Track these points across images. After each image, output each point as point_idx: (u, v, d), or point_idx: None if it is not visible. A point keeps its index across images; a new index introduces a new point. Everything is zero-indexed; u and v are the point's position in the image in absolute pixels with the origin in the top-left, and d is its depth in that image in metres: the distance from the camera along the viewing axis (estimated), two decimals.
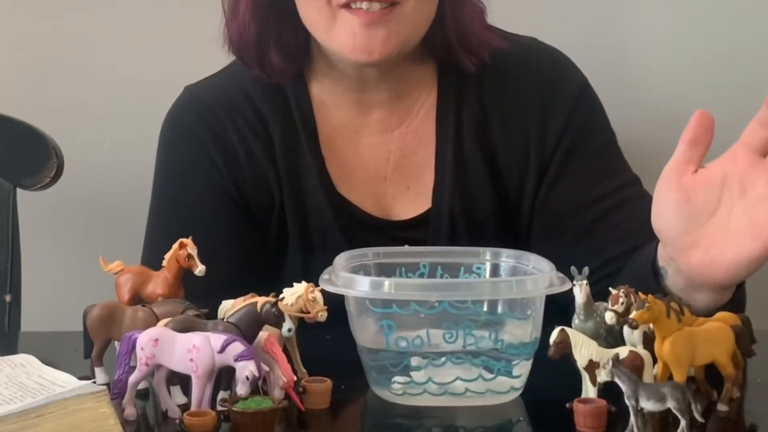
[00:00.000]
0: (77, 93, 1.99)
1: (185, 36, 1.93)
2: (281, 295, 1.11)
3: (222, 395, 1.09)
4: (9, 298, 1.72)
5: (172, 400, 1.09)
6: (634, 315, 1.05)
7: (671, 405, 0.99)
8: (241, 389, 1.04)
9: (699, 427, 1.02)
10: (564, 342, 1.07)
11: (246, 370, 1.03)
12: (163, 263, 1.21)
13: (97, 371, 1.16)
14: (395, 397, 1.13)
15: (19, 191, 1.76)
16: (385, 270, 1.23)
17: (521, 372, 1.13)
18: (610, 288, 1.09)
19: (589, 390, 1.07)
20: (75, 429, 0.98)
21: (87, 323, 1.16)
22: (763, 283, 1.43)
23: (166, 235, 1.28)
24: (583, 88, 1.55)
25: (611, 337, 1.12)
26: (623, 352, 1.06)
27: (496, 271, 1.23)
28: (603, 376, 1.06)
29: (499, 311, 1.13)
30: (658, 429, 1.04)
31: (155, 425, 1.11)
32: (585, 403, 1.04)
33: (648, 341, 1.09)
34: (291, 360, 1.14)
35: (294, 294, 1.12)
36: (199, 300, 1.16)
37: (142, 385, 1.11)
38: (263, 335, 1.09)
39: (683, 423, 0.99)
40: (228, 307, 1.16)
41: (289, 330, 1.08)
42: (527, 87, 1.52)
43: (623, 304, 1.07)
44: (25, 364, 1.15)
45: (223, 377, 1.08)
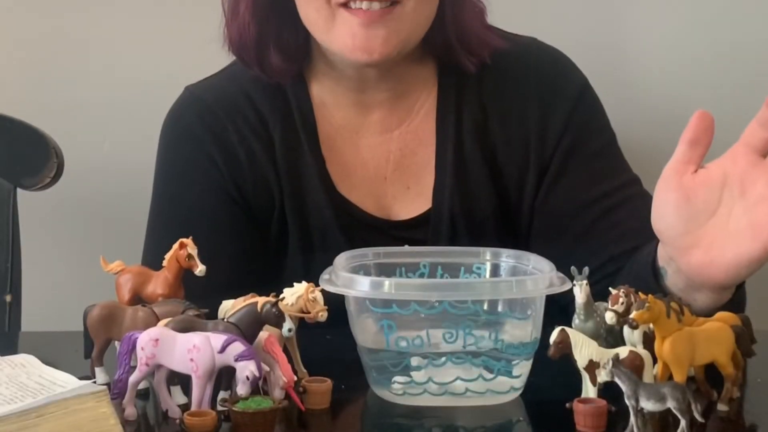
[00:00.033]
0: (77, 93, 1.99)
1: (185, 36, 1.93)
2: (281, 295, 1.11)
3: (222, 395, 1.08)
4: (9, 298, 1.72)
5: (172, 400, 1.09)
6: (634, 315, 1.05)
7: (671, 405, 0.99)
8: (242, 389, 1.04)
9: (699, 427, 1.02)
10: (564, 342, 1.07)
11: (246, 370, 1.03)
12: (164, 263, 1.21)
13: (98, 371, 1.16)
14: (395, 397, 1.13)
15: (19, 191, 1.76)
16: (385, 270, 1.23)
17: (521, 372, 1.13)
18: (610, 288, 1.09)
19: (589, 390, 1.07)
20: (75, 429, 0.98)
21: (87, 323, 1.16)
22: (763, 283, 1.43)
23: (166, 235, 1.28)
24: (583, 88, 1.55)
25: (611, 337, 1.12)
26: (623, 352, 1.06)
27: (496, 271, 1.23)
28: (603, 376, 1.06)
29: (499, 311, 1.13)
30: (658, 429, 1.04)
31: (155, 425, 1.10)
32: (585, 403, 1.04)
33: (648, 341, 1.09)
34: (291, 360, 1.14)
35: (294, 294, 1.13)
36: (200, 300, 1.16)
37: (142, 385, 1.11)
38: (263, 335, 1.09)
39: (683, 423, 0.99)
40: (228, 307, 1.16)
41: (290, 330, 1.08)
42: (527, 87, 1.52)
43: (623, 304, 1.07)
44: (26, 364, 1.15)
45: (224, 377, 1.07)
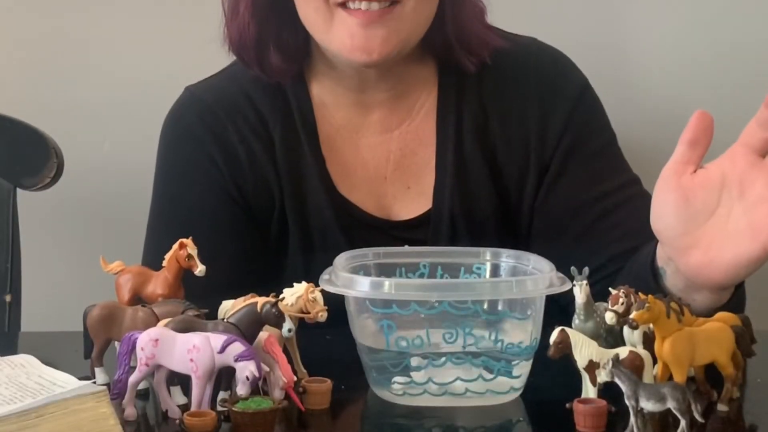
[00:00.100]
0: (77, 93, 1.99)
1: (185, 36, 1.93)
2: (281, 296, 1.11)
3: (222, 395, 1.08)
4: (9, 298, 1.72)
5: (172, 400, 1.09)
6: (634, 315, 1.05)
7: (671, 405, 0.99)
8: (242, 389, 1.04)
9: (699, 427, 1.02)
10: (564, 342, 1.07)
11: (246, 370, 1.03)
12: (163, 263, 1.21)
13: (97, 371, 1.16)
14: (395, 398, 1.13)
15: (19, 191, 1.76)
16: (385, 270, 1.23)
17: (521, 372, 1.13)
18: (610, 288, 1.09)
19: (589, 390, 1.07)
20: (75, 429, 0.98)
21: (87, 323, 1.16)
22: (763, 284, 1.43)
23: (166, 236, 1.28)
24: (584, 88, 1.55)
25: (611, 337, 1.12)
26: (623, 352, 1.06)
27: (496, 272, 1.23)
28: (603, 376, 1.06)
29: (499, 311, 1.13)
30: (658, 429, 1.04)
31: (155, 425, 1.10)
32: (585, 403, 1.04)
33: (648, 341, 1.09)
34: (291, 360, 1.14)
35: (294, 294, 1.13)
36: (200, 300, 1.16)
37: (142, 385, 1.11)
38: (263, 335, 1.09)
39: (683, 423, 0.99)
40: (228, 308, 1.16)
41: (289, 330, 1.08)
42: (527, 87, 1.52)
43: (623, 304, 1.07)
44: (25, 364, 1.15)
45: (223, 377, 1.08)
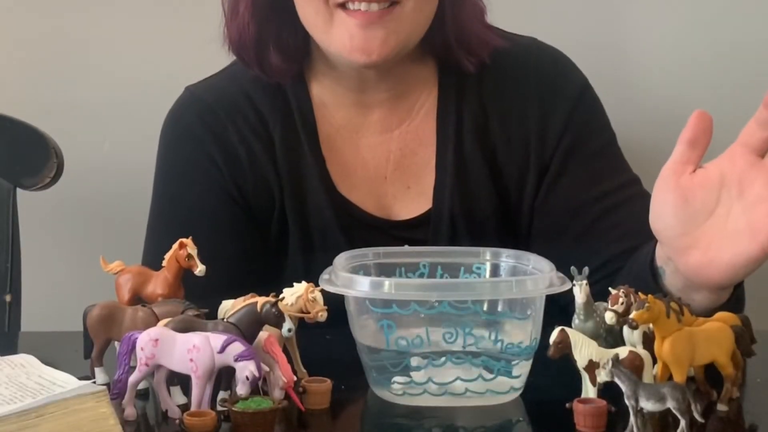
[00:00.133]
0: (77, 93, 1.99)
1: (185, 36, 1.93)
2: (281, 295, 1.11)
3: (222, 395, 1.08)
4: (9, 298, 1.72)
5: (172, 400, 1.09)
6: (634, 315, 1.05)
7: (671, 405, 0.99)
8: (241, 389, 1.04)
9: (699, 427, 1.02)
10: (564, 342, 1.07)
11: (246, 370, 1.03)
12: (163, 263, 1.21)
13: (97, 371, 1.16)
14: (395, 397, 1.13)
15: (19, 191, 1.76)
16: (385, 270, 1.23)
17: (521, 372, 1.13)
18: (610, 288, 1.09)
19: (589, 390, 1.07)
20: (75, 429, 0.98)
21: (87, 323, 1.16)
22: (763, 283, 1.43)
23: (166, 235, 1.27)
24: (584, 88, 1.55)
25: (611, 337, 1.12)
26: (623, 352, 1.06)
27: (496, 271, 1.23)
28: (603, 376, 1.06)
29: (499, 311, 1.13)
30: (658, 429, 1.04)
31: (155, 425, 1.10)
32: (585, 403, 1.04)
33: (648, 341, 1.09)
34: (291, 360, 1.14)
35: (294, 294, 1.13)
36: (199, 300, 1.16)
37: (142, 385, 1.11)
38: (263, 335, 1.09)
39: (683, 423, 0.99)
40: (228, 307, 1.16)
41: (289, 330, 1.08)
42: (527, 87, 1.52)
43: (623, 304, 1.07)
44: (25, 364, 1.15)
45: (223, 377, 1.07)
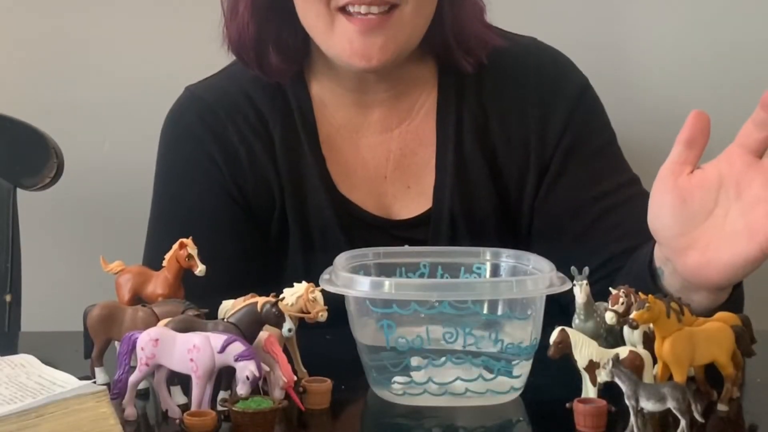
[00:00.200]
0: (77, 93, 1.99)
1: (185, 36, 1.93)
2: (281, 295, 1.11)
3: (222, 395, 1.08)
4: (9, 298, 1.72)
5: (172, 400, 1.09)
6: (634, 315, 1.05)
7: (671, 405, 0.99)
8: (242, 389, 1.04)
9: (699, 427, 1.02)
10: (564, 342, 1.07)
11: (246, 370, 1.03)
12: (164, 263, 1.21)
13: (97, 371, 1.16)
14: (395, 397, 1.13)
15: (19, 191, 1.76)
16: (385, 270, 1.23)
17: (521, 372, 1.13)
18: (610, 288, 1.09)
19: (589, 390, 1.07)
20: (75, 429, 0.98)
21: (87, 323, 1.16)
22: (763, 284, 1.42)
23: (167, 235, 1.27)
24: (584, 87, 1.55)
25: (611, 337, 1.12)
26: (623, 352, 1.06)
27: (496, 271, 1.23)
28: (603, 376, 1.06)
29: (500, 311, 1.13)
30: (658, 429, 1.04)
31: (155, 425, 1.10)
32: (585, 403, 1.04)
33: (648, 341, 1.09)
34: (291, 360, 1.14)
35: (294, 294, 1.13)
36: (200, 300, 1.16)
37: (142, 385, 1.11)
38: (263, 335, 1.09)
39: (683, 423, 0.99)
40: (228, 307, 1.16)
41: (290, 330, 1.08)
42: (527, 87, 1.52)
43: (623, 304, 1.07)
44: (25, 364, 1.15)
45: (224, 377, 1.07)
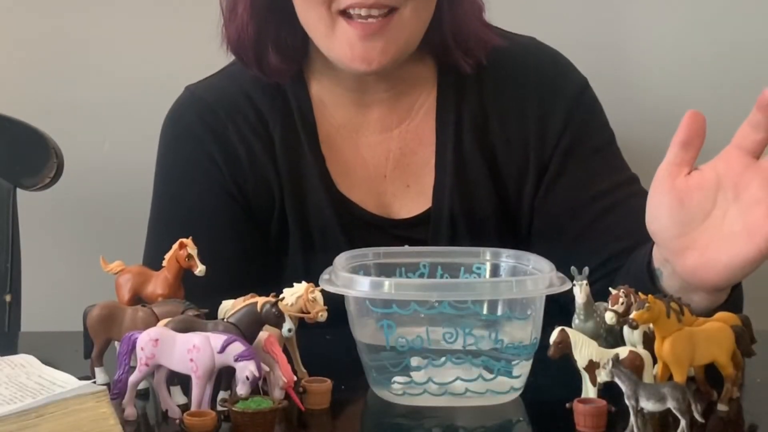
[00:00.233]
0: (77, 93, 1.99)
1: (185, 36, 1.93)
2: (281, 295, 1.11)
3: (222, 395, 1.08)
4: (9, 298, 1.72)
5: (172, 400, 1.09)
6: (634, 315, 1.05)
7: (671, 405, 0.99)
8: (241, 389, 1.04)
9: (699, 427, 1.02)
10: (564, 342, 1.07)
11: (246, 370, 1.03)
12: (163, 263, 1.21)
13: (97, 371, 1.16)
14: (395, 397, 1.13)
15: (19, 191, 1.76)
16: (385, 270, 1.23)
17: (521, 372, 1.13)
18: (610, 288, 1.09)
19: (589, 390, 1.07)
20: (75, 429, 0.98)
21: (87, 323, 1.16)
22: (763, 284, 1.42)
23: (167, 235, 1.27)
24: (583, 87, 1.55)
25: (611, 337, 1.12)
26: (623, 352, 1.06)
27: (496, 271, 1.23)
28: (603, 376, 1.06)
29: (499, 311, 1.13)
30: (658, 429, 1.04)
31: (155, 425, 1.10)
32: (585, 403, 1.04)
33: (648, 341, 1.09)
34: (291, 360, 1.14)
35: (294, 294, 1.13)
36: (200, 300, 1.16)
37: (142, 385, 1.11)
38: (263, 335, 1.09)
39: (683, 423, 0.99)
40: (228, 307, 1.16)
41: (289, 330, 1.08)
42: (527, 87, 1.52)
43: (623, 304, 1.07)
44: (25, 364, 1.15)
45: (223, 377, 1.08)
